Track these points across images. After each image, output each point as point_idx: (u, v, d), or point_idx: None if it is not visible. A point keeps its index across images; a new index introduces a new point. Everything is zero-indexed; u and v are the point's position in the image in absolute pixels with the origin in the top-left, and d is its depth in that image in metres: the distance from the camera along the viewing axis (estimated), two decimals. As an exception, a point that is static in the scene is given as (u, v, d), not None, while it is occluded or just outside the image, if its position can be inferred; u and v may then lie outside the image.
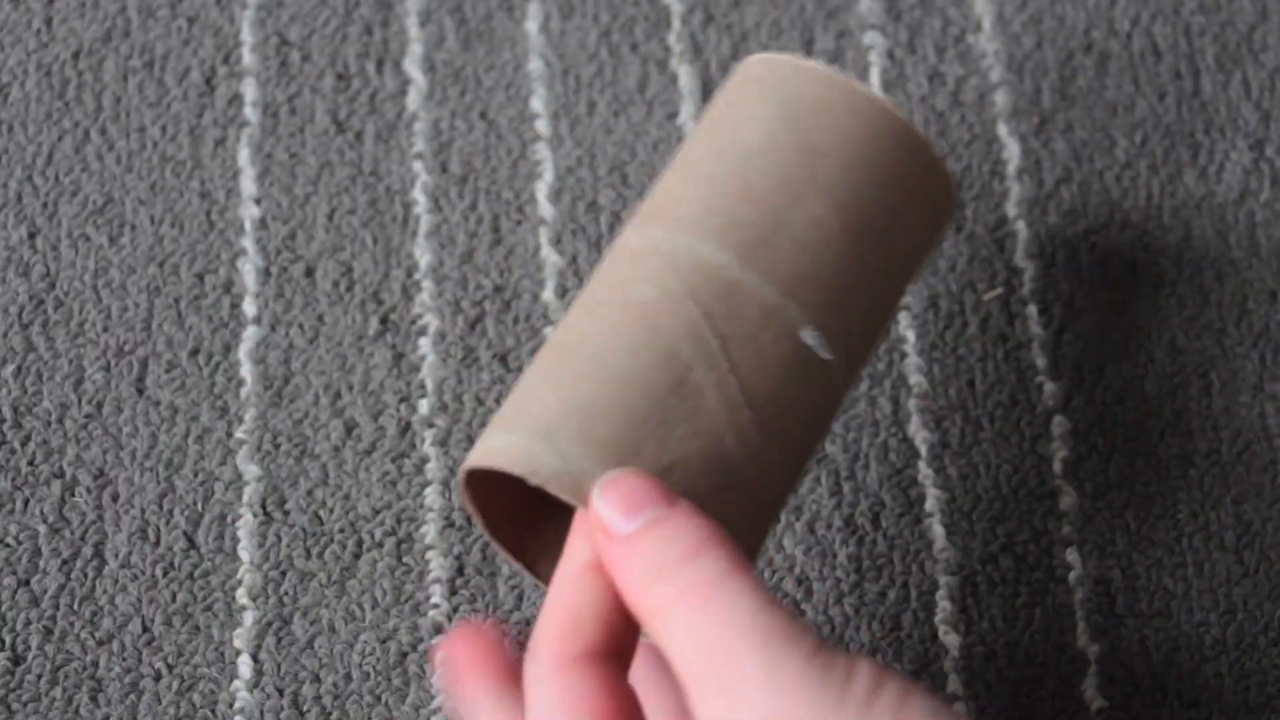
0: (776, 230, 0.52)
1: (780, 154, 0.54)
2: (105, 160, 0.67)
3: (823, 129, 0.54)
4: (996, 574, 0.61)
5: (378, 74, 0.68)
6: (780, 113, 0.54)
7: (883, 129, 0.54)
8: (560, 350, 0.51)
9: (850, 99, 0.54)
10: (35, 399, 0.63)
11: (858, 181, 0.54)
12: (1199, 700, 0.59)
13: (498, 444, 0.49)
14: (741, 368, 0.51)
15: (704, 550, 0.45)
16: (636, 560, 0.45)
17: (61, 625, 0.59)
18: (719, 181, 0.53)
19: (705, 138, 0.55)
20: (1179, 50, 0.69)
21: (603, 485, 0.47)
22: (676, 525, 0.46)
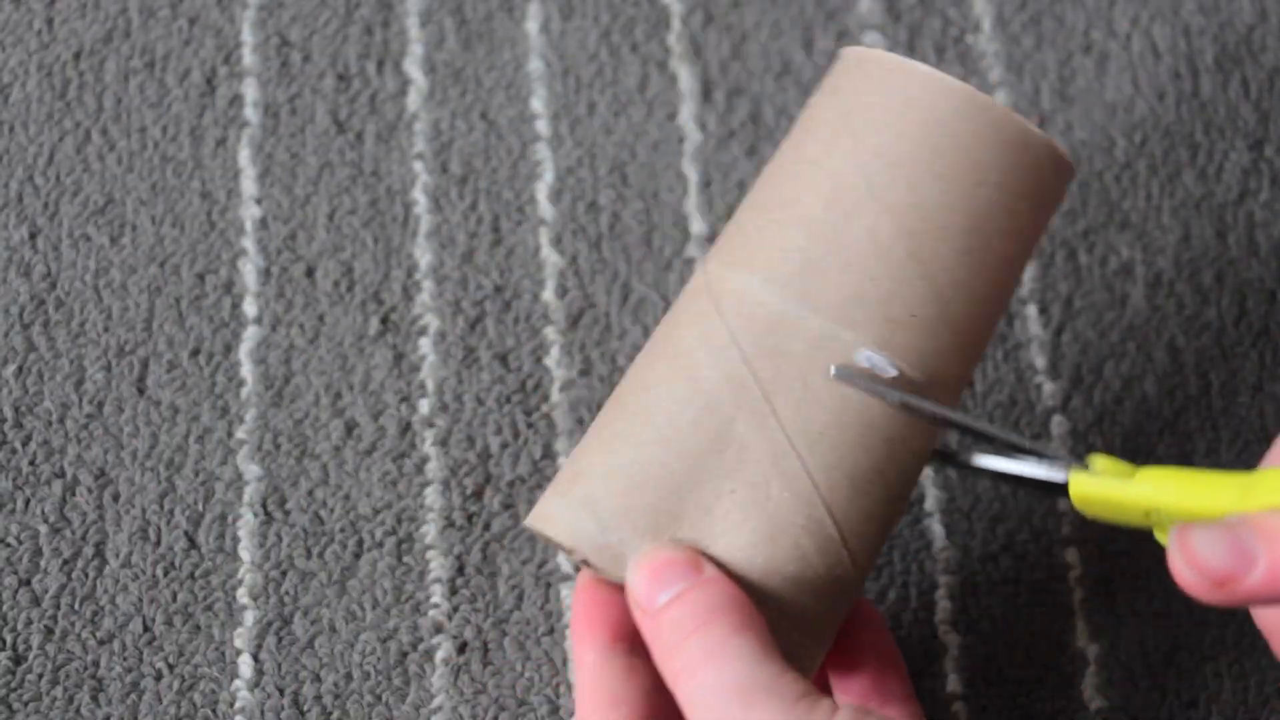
0: (826, 253, 0.51)
1: (834, 164, 0.52)
2: (106, 160, 0.67)
3: (876, 126, 0.52)
4: (996, 574, 0.61)
5: (378, 74, 0.68)
6: (838, 118, 0.53)
7: (943, 108, 0.52)
8: (618, 402, 0.52)
9: (906, 85, 0.52)
10: (36, 399, 0.63)
11: (918, 177, 0.51)
12: (1198, 700, 0.59)
13: (551, 509, 0.51)
14: (786, 410, 0.50)
15: (716, 617, 0.49)
16: (663, 632, 0.49)
17: (62, 625, 0.59)
18: (776, 205, 0.53)
19: (780, 150, 0.54)
20: (1178, 51, 0.69)
21: (635, 563, 0.50)
22: (696, 595, 0.49)
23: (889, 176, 0.51)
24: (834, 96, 0.54)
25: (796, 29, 0.69)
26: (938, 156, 0.51)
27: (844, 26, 0.69)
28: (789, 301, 0.51)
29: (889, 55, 0.53)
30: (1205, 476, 0.49)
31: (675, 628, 0.49)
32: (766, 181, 0.54)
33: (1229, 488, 0.49)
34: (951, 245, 0.51)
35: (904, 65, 0.52)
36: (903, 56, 0.53)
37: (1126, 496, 0.50)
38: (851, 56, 0.54)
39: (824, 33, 0.69)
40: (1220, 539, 0.47)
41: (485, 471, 0.62)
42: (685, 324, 0.52)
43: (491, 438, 0.62)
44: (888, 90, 0.52)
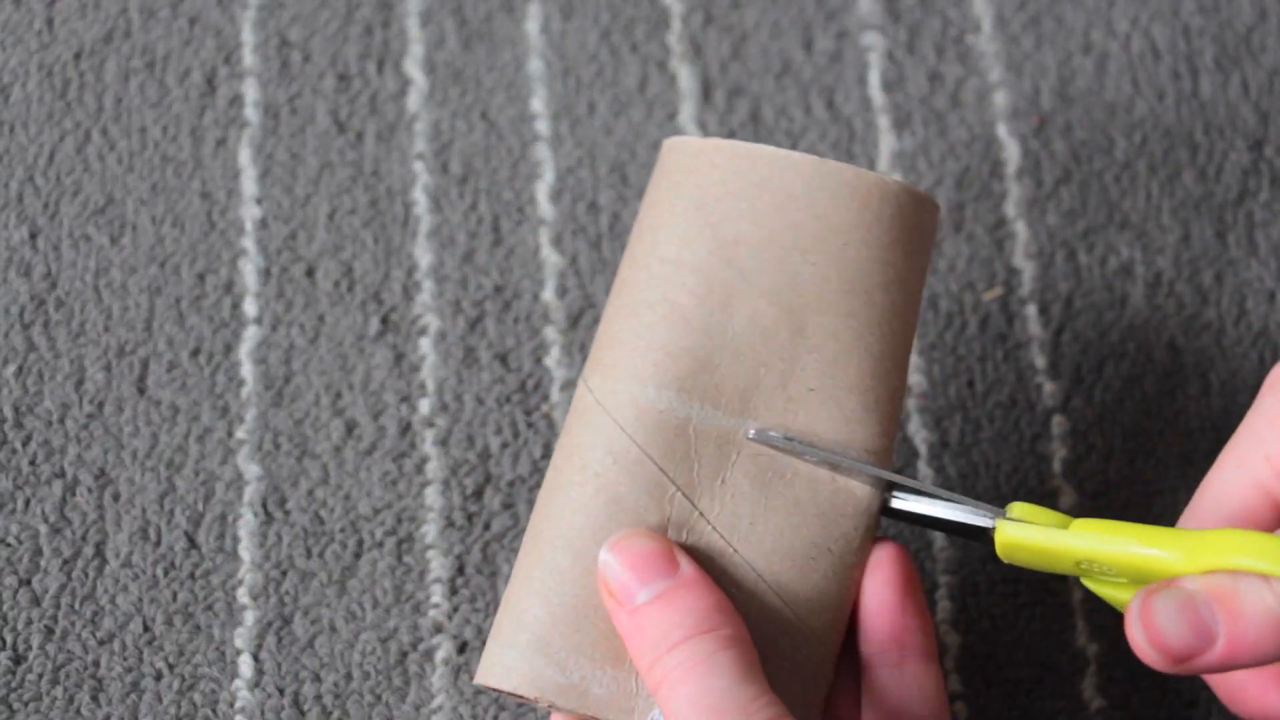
0: (712, 348, 0.52)
1: (697, 258, 0.52)
2: (106, 161, 0.67)
3: (732, 214, 0.53)
4: (996, 573, 0.61)
5: (378, 75, 0.68)
6: (689, 211, 0.53)
7: (794, 184, 0.53)
8: (538, 542, 0.52)
9: (754, 167, 0.53)
10: (36, 399, 0.63)
11: (784, 255, 0.52)
12: (1198, 699, 0.59)
13: (503, 662, 0.51)
14: (712, 510, 0.51)
15: (703, 630, 0.49)
16: (647, 634, 0.50)
17: (63, 625, 0.59)
18: (645, 308, 0.53)
19: (632, 251, 0.54)
20: (1178, 51, 0.69)
21: (612, 545, 0.51)
22: (683, 603, 0.50)
23: (757, 261, 0.52)
24: (677, 191, 0.54)
25: (796, 29, 0.69)
26: (800, 231, 0.52)
27: (844, 26, 0.69)
28: (689, 404, 0.52)
29: (725, 142, 0.54)
30: (1143, 531, 0.50)
31: (660, 635, 0.49)
32: (628, 286, 0.54)
33: (1172, 544, 0.49)
34: (833, 312, 0.52)
35: (746, 149, 0.53)
36: (736, 141, 0.54)
37: (1058, 546, 0.50)
38: (683, 148, 0.55)
39: (824, 33, 0.69)
40: (1182, 615, 0.48)
41: (485, 471, 0.62)
42: (588, 445, 0.52)
43: (491, 438, 0.62)
44: (735, 176, 0.53)
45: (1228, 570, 0.48)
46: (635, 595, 0.50)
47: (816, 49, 0.69)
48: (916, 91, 0.68)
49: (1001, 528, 0.51)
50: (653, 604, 0.50)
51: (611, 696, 0.50)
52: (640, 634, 0.50)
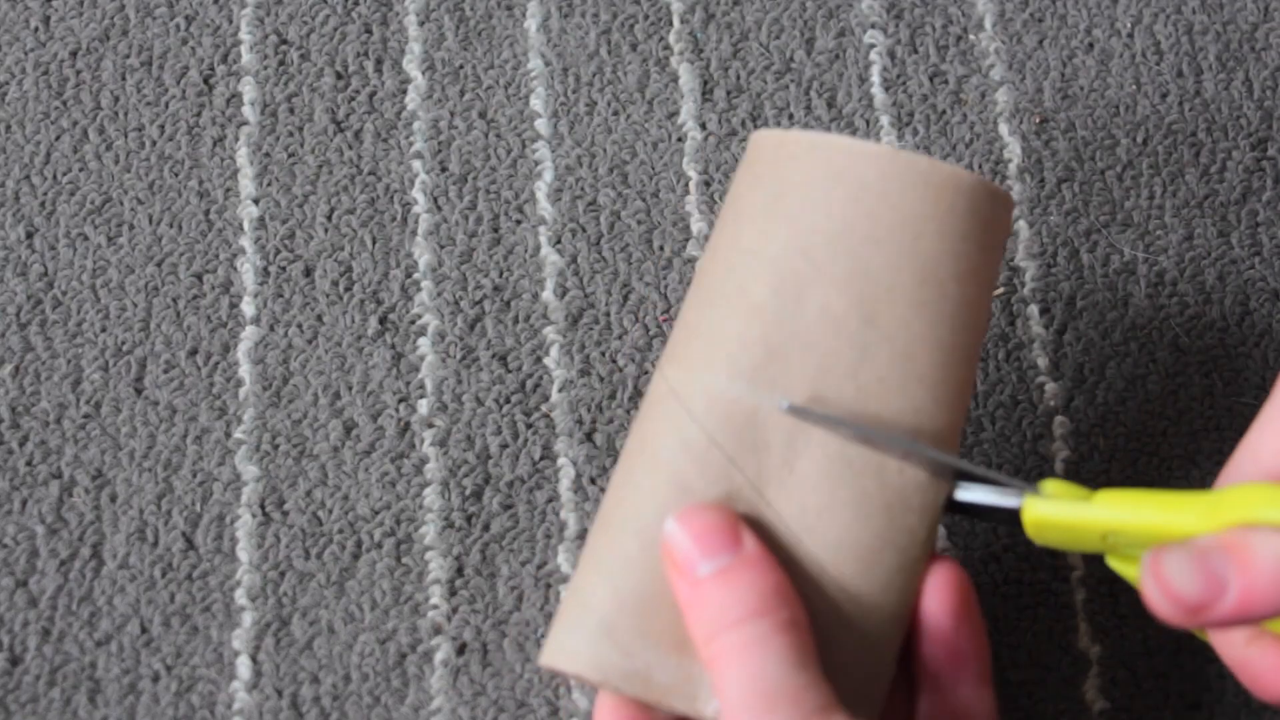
0: (784, 339, 0.52)
1: (773, 249, 0.53)
2: (103, 159, 0.66)
3: (808, 205, 0.53)
4: (999, 574, 0.61)
5: (377, 73, 0.68)
6: (767, 202, 0.53)
7: (869, 174, 0.53)
8: (608, 528, 0.52)
9: (830, 158, 0.53)
10: (33, 399, 0.62)
11: (857, 245, 0.52)
12: (1200, 701, 0.59)
13: (568, 645, 0.51)
14: (780, 500, 0.51)
15: (762, 613, 0.49)
16: (706, 608, 0.50)
17: (60, 626, 0.59)
18: (722, 299, 0.53)
19: (713, 242, 0.55)
20: (1181, 49, 0.69)
21: (678, 516, 0.51)
22: (744, 581, 0.50)
23: (830, 251, 0.52)
24: (757, 183, 0.54)
25: (797, 27, 0.69)
26: (874, 222, 0.52)
27: (845, 25, 0.69)
28: (759, 393, 0.52)
29: (804, 134, 0.54)
30: (1166, 497, 0.50)
31: (720, 611, 0.49)
32: (707, 277, 0.54)
33: (1192, 507, 0.49)
34: (905, 303, 0.52)
35: (823, 140, 0.53)
36: (817, 131, 0.54)
37: (1084, 520, 0.50)
38: (765, 141, 0.55)
39: (824, 31, 0.69)
40: (1192, 565, 0.48)
41: (485, 472, 0.62)
42: (660, 433, 0.52)
43: (491, 438, 0.62)
44: (811, 168, 0.53)
45: (1243, 524, 0.48)
46: (698, 567, 0.50)
47: (817, 47, 0.69)
48: (918, 90, 0.68)
49: (1030, 507, 0.51)
50: (714, 578, 0.50)
51: (675, 684, 0.50)
52: (699, 607, 0.50)
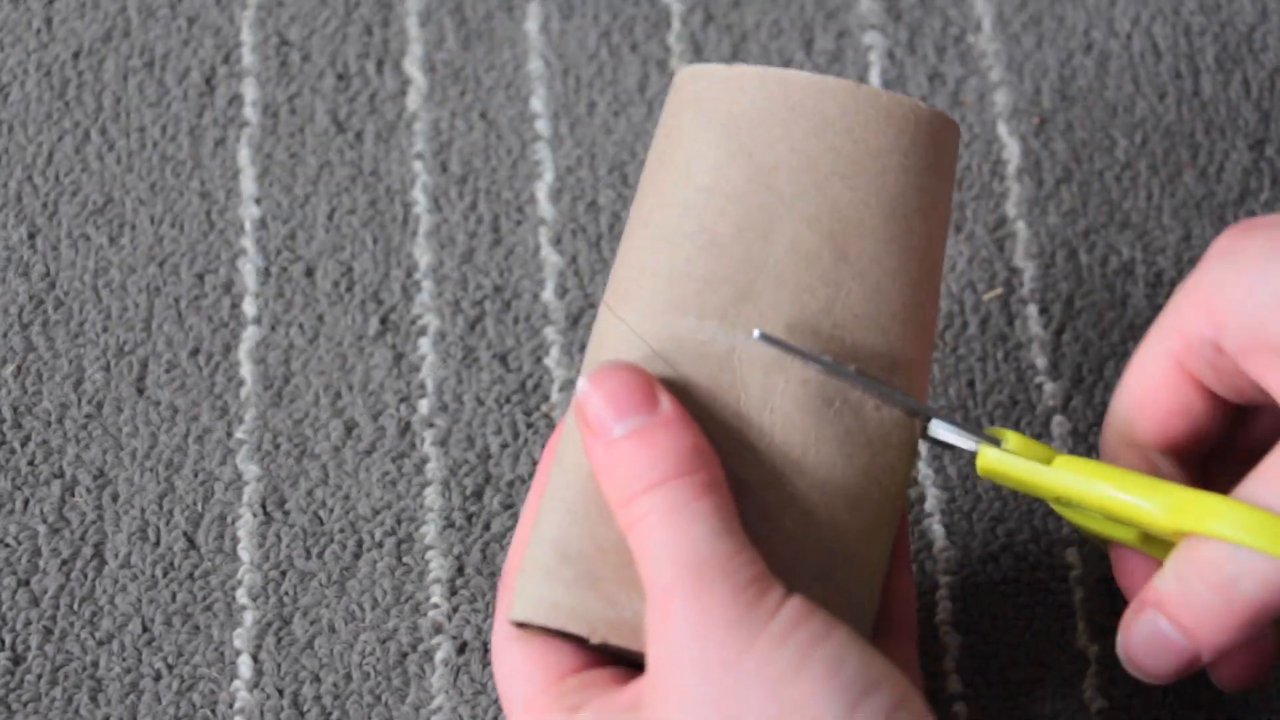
0: (754, 276, 0.51)
1: (733, 185, 0.51)
2: (105, 160, 0.67)
3: (767, 140, 0.51)
4: (997, 574, 0.61)
5: (378, 74, 0.68)
6: (721, 138, 0.52)
7: (830, 108, 0.52)
8: (574, 475, 0.50)
9: (787, 93, 0.52)
10: (35, 399, 0.62)
11: (824, 180, 0.51)
12: (1199, 700, 0.59)
13: (547, 598, 0.49)
14: (764, 442, 0.50)
15: (679, 473, 0.48)
16: (621, 469, 0.48)
17: (61, 625, 0.59)
18: (681, 237, 0.51)
19: (657, 181, 0.53)
20: (1179, 50, 0.69)
21: (592, 377, 0.49)
22: (660, 441, 0.48)
23: (796, 186, 0.51)
24: (706, 118, 0.52)
25: (796, 29, 0.69)
26: (838, 156, 0.51)
27: (844, 26, 0.69)
28: (733, 333, 0.50)
29: (753, 68, 0.52)
30: (1124, 477, 0.51)
31: (634, 474, 0.48)
32: (658, 215, 0.52)
33: (1154, 496, 0.51)
34: (874, 238, 0.51)
35: (778, 75, 0.52)
36: (759, 65, 0.53)
37: (1039, 480, 0.52)
38: (709, 74, 0.53)
39: (824, 32, 0.69)
40: (1159, 645, 0.52)
41: (485, 472, 0.62)
42: None
43: (491, 438, 0.62)
44: (768, 102, 0.52)
45: (1197, 534, 0.50)
46: (611, 429, 0.48)
47: (817, 48, 0.69)
48: (917, 91, 0.68)
49: (984, 453, 0.52)
50: (629, 439, 0.48)
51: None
52: (614, 470, 0.48)
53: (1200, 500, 0.50)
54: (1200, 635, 0.51)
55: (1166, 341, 0.53)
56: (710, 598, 0.46)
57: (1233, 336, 0.51)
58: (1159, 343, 0.54)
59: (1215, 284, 0.52)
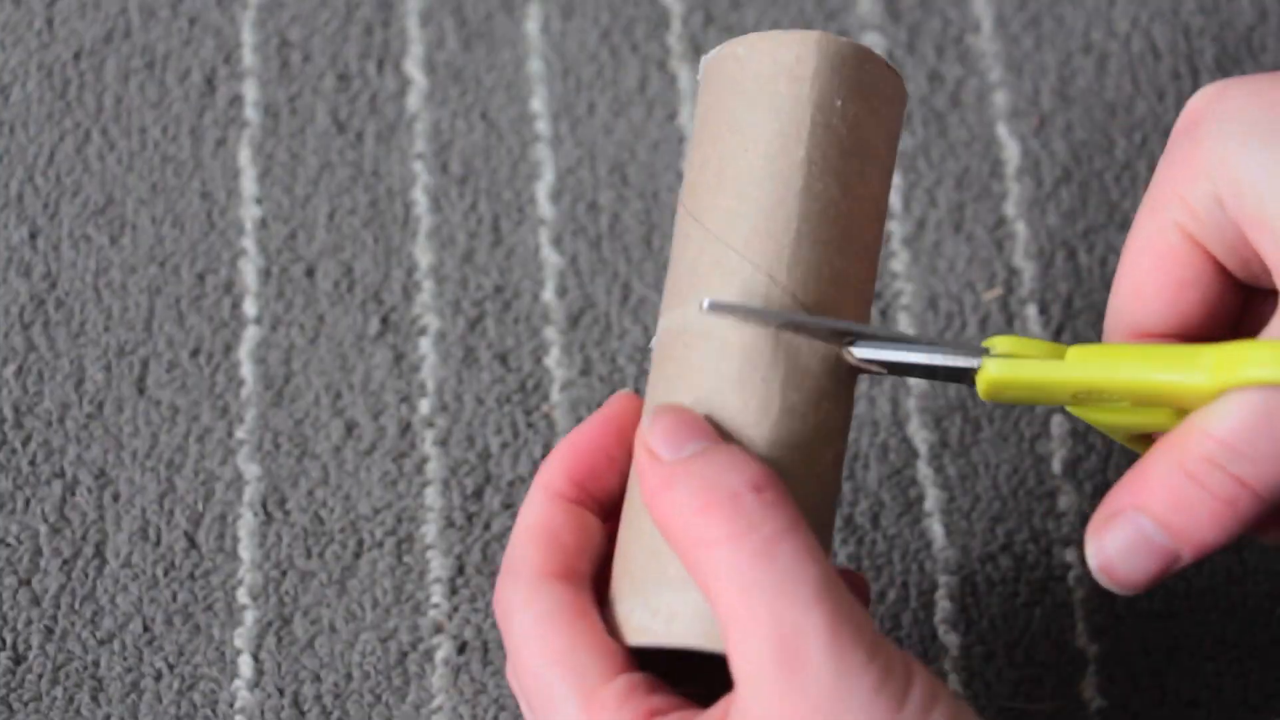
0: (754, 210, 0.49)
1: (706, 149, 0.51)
2: (106, 160, 0.67)
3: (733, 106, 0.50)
4: (996, 573, 0.61)
5: (378, 74, 0.68)
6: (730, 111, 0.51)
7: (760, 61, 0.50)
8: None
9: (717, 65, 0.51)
10: (36, 399, 0.63)
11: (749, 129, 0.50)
12: (1198, 699, 0.59)
13: (666, 617, 0.47)
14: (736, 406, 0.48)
15: (764, 491, 0.44)
16: (684, 485, 0.45)
17: (62, 625, 0.59)
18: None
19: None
20: (1178, 51, 0.69)
21: (654, 413, 0.47)
22: (733, 458, 0.45)
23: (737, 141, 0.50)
24: (721, 94, 0.51)
25: (796, 29, 0.69)
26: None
27: (844, 26, 0.69)
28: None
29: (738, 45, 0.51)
30: (1146, 351, 0.47)
31: (705, 486, 0.44)
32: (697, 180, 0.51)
33: (1190, 365, 0.46)
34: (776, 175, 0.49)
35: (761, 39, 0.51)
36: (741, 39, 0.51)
37: (1055, 379, 0.47)
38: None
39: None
40: (1138, 548, 0.47)
41: (485, 471, 0.62)
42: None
43: (491, 438, 0.62)
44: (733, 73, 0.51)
45: (1235, 385, 0.45)
46: (670, 453, 0.46)
47: (816, 49, 0.69)
48: (916, 91, 0.68)
49: (986, 366, 0.48)
50: (692, 458, 0.45)
51: None
52: (670, 488, 0.45)
53: (1232, 351, 0.45)
54: (1190, 532, 0.46)
55: (1168, 210, 0.49)
56: (851, 659, 0.43)
57: (1241, 204, 0.47)
58: (1160, 211, 0.49)
59: (1212, 148, 0.48)
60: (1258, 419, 0.45)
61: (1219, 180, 0.48)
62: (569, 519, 0.49)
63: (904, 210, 0.66)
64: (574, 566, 0.48)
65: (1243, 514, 0.46)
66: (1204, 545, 0.47)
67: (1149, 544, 0.47)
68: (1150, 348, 0.47)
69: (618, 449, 0.50)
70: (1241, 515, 0.46)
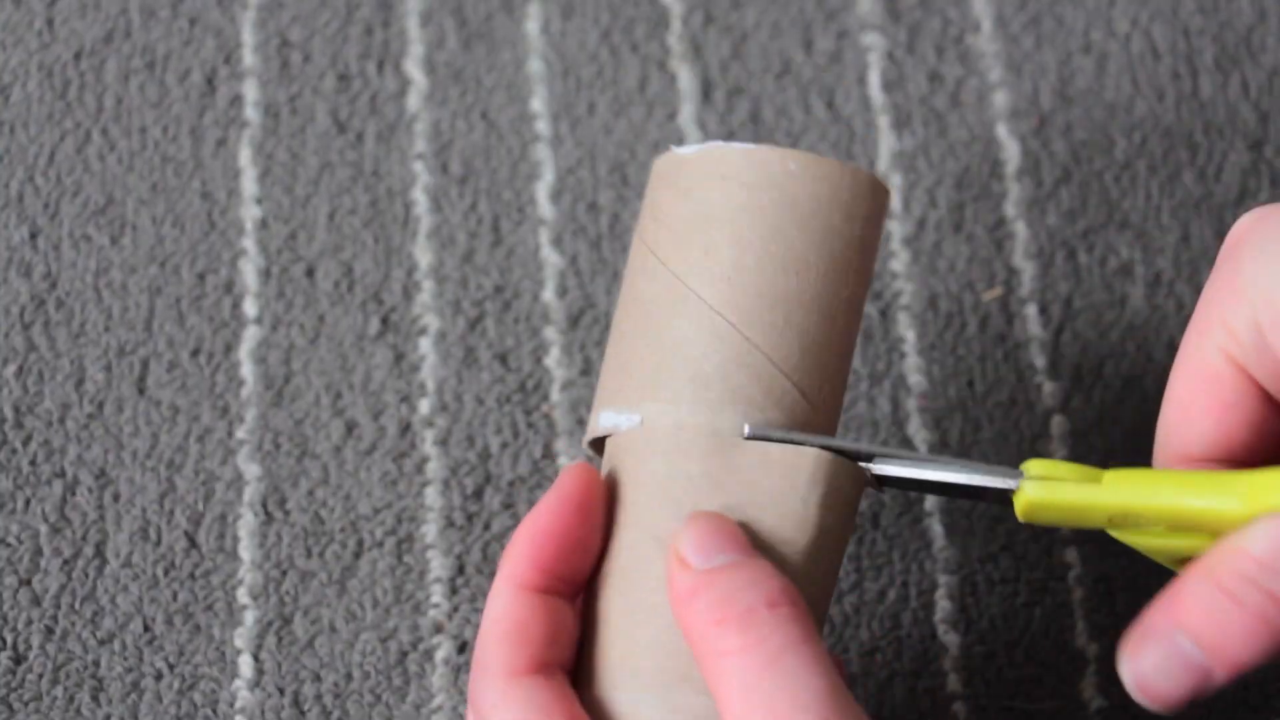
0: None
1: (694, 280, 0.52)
2: (107, 161, 0.67)
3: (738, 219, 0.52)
4: (996, 573, 0.61)
5: (378, 75, 0.68)
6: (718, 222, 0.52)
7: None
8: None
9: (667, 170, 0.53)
10: (37, 399, 0.63)
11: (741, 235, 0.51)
12: (1198, 699, 0.59)
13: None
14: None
15: (779, 607, 0.46)
16: (706, 596, 0.46)
17: (63, 625, 0.59)
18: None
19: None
20: (1178, 51, 0.69)
21: (690, 520, 0.48)
22: (754, 573, 0.47)
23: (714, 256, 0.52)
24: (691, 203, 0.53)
25: (796, 29, 0.69)
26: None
27: (844, 26, 0.69)
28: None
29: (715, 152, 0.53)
30: (1189, 480, 0.48)
31: (728, 598, 0.46)
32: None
33: (1225, 491, 0.47)
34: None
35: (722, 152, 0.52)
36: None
37: (1094, 504, 0.48)
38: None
39: (824, 33, 0.69)
40: (1172, 664, 0.48)
41: (485, 471, 0.62)
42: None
43: (491, 438, 0.62)
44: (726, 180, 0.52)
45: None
46: (701, 561, 0.47)
47: (816, 49, 0.69)
48: (916, 91, 0.68)
49: (1025, 489, 0.49)
50: (720, 569, 0.47)
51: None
52: (696, 597, 0.46)
53: (1274, 478, 0.46)
54: (1225, 649, 0.47)
55: (1210, 336, 0.50)
56: None
57: (1275, 324, 0.48)
58: (1202, 337, 0.50)
59: (1254, 274, 0.49)
60: None
61: (1259, 305, 0.49)
62: (537, 610, 0.49)
63: (904, 210, 0.66)
64: (545, 659, 0.49)
65: (1277, 632, 0.47)
66: (1238, 663, 0.47)
67: (1185, 660, 0.48)
68: (1186, 474, 0.48)
69: (580, 530, 0.50)
70: (1277, 633, 0.47)
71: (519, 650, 0.48)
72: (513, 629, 0.49)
